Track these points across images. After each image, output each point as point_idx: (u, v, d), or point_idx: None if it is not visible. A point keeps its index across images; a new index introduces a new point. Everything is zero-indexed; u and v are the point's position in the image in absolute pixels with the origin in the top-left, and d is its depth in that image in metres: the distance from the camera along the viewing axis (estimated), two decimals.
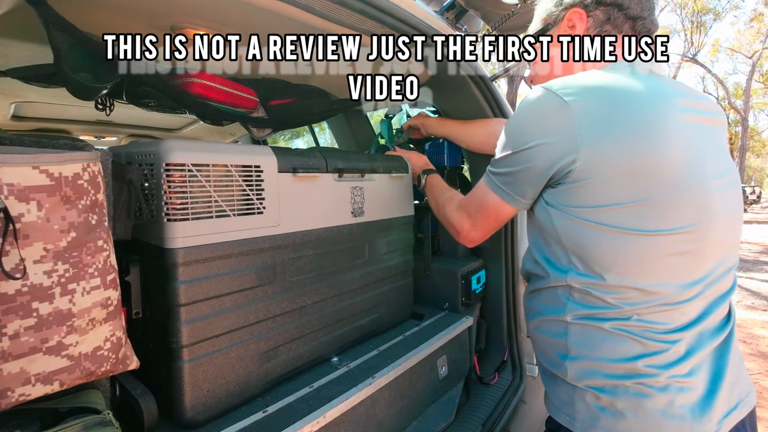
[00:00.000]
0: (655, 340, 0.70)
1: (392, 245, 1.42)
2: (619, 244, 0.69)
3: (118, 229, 0.82)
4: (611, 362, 0.72)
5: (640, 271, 0.69)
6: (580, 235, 0.72)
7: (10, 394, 0.58)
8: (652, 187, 0.66)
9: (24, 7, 0.82)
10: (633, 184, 0.67)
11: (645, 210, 0.67)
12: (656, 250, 0.68)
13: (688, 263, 0.70)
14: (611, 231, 0.69)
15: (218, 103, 1.32)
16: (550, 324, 0.82)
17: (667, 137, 0.67)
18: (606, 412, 0.73)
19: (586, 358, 0.75)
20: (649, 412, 0.69)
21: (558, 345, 0.79)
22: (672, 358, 0.69)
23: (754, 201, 12.01)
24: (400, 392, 1.19)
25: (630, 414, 0.70)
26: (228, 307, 0.94)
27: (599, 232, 0.70)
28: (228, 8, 1.06)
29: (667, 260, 0.69)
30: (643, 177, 0.66)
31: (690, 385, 0.69)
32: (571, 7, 0.86)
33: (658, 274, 0.69)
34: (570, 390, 0.78)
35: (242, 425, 0.90)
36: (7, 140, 0.64)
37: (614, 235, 0.69)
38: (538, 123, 0.73)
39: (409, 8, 1.18)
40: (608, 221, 0.69)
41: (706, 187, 0.69)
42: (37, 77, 1.25)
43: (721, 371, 0.71)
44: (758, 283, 5.10)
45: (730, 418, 0.71)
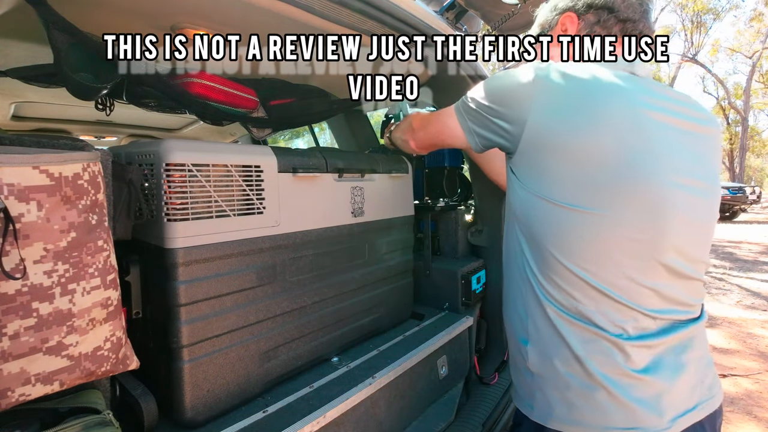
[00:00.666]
0: (606, 332, 0.71)
1: (392, 245, 1.42)
2: (563, 219, 0.72)
3: (118, 229, 0.82)
4: (562, 350, 0.74)
5: (587, 257, 0.71)
6: (530, 210, 0.76)
7: (10, 394, 0.58)
8: (590, 169, 0.69)
9: (24, 7, 0.82)
10: (571, 163, 0.70)
11: (583, 188, 0.69)
12: (598, 232, 0.69)
13: (639, 257, 0.70)
14: (555, 205, 0.72)
15: (218, 103, 1.32)
16: (515, 308, 0.84)
17: (614, 125, 0.69)
18: (559, 403, 0.75)
19: (541, 345, 0.77)
20: (599, 403, 0.70)
21: (520, 330, 0.82)
22: (623, 353, 0.70)
23: (754, 201, 11.99)
24: (400, 392, 1.19)
25: (581, 404, 0.72)
26: (228, 307, 0.94)
27: (546, 206, 0.73)
28: (228, 8, 1.06)
29: (614, 248, 0.69)
30: (582, 158, 0.69)
31: (641, 382, 0.70)
32: (564, 11, 0.90)
33: (606, 263, 0.70)
34: (530, 379, 0.80)
35: (242, 425, 0.90)
36: (7, 140, 0.64)
37: (557, 210, 0.72)
38: (507, 89, 0.79)
39: (409, 8, 1.18)
40: (552, 195, 0.72)
41: (658, 181, 0.69)
42: (37, 77, 1.25)
43: (678, 371, 0.72)
44: (758, 283, 5.10)
45: (686, 418, 0.71)
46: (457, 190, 1.77)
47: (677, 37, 20.89)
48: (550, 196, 0.73)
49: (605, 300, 0.71)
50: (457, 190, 1.75)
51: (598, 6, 0.85)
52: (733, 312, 4.09)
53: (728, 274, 5.59)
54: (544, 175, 0.74)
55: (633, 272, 0.70)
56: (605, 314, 0.71)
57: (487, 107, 0.82)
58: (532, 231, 0.77)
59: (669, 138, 0.72)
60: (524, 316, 0.81)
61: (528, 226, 0.78)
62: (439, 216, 1.75)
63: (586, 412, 0.72)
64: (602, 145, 0.69)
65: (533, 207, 0.76)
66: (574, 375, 0.73)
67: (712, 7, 19.53)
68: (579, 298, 0.72)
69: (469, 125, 0.88)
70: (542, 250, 0.76)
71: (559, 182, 0.72)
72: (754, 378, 2.74)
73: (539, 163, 0.74)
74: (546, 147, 0.72)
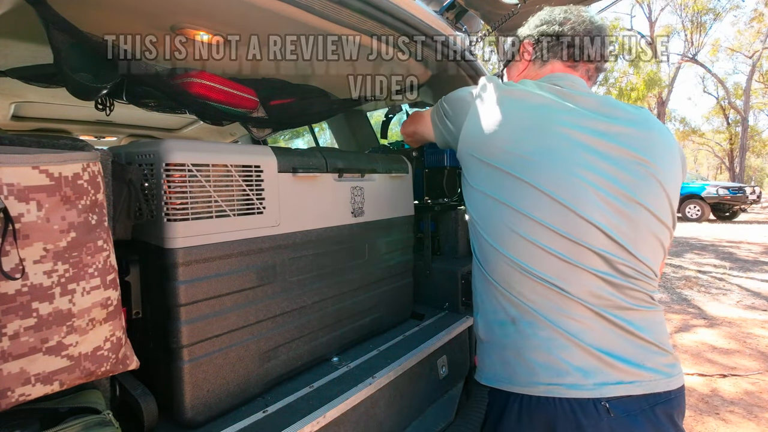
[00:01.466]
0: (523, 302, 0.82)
1: (392, 245, 1.42)
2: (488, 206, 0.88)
3: (118, 229, 0.82)
4: (498, 314, 0.87)
5: (508, 241, 0.84)
6: (468, 199, 0.95)
7: (10, 394, 0.58)
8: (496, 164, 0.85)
9: (24, 7, 0.82)
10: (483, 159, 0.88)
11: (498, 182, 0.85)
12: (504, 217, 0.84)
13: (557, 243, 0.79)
14: (482, 194, 0.89)
15: (218, 103, 1.32)
16: (474, 288, 0.99)
17: (517, 127, 0.85)
18: (500, 364, 0.86)
19: (485, 313, 0.91)
20: (528, 361, 0.80)
21: (474, 303, 0.98)
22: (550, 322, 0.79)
23: (754, 201, 11.97)
24: (400, 392, 1.19)
25: (513, 362, 0.83)
26: (228, 307, 0.94)
27: (477, 194, 0.91)
28: (228, 8, 1.06)
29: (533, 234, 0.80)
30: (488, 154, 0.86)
31: (570, 343, 0.77)
32: (522, 40, 1.06)
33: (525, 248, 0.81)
34: (481, 346, 0.94)
35: (242, 425, 0.90)
36: (7, 140, 0.64)
37: (483, 198, 0.89)
38: (458, 99, 1.00)
39: (409, 8, 1.18)
40: (479, 186, 0.89)
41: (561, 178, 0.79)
42: (37, 77, 1.25)
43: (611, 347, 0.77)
44: (758, 283, 5.10)
45: (616, 387, 0.74)
46: (458, 190, 1.76)
47: (677, 37, 20.88)
48: (475, 187, 0.90)
49: (528, 280, 0.81)
50: (457, 190, 1.75)
51: (549, 34, 1.00)
52: (733, 312, 4.09)
53: (728, 274, 5.59)
54: (470, 170, 0.92)
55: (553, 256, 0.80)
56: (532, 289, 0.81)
57: (445, 110, 1.03)
58: (472, 217, 0.94)
59: (578, 140, 0.82)
60: (475, 293, 0.97)
61: (470, 213, 0.95)
62: (439, 216, 1.75)
63: (516, 369, 0.82)
64: (503, 145, 0.84)
65: (469, 196, 0.95)
66: (509, 336, 0.84)
67: (712, 7, 19.52)
68: (508, 273, 0.84)
69: (436, 122, 1.08)
70: (477, 232, 0.92)
71: (477, 171, 0.90)
72: (754, 378, 2.74)
73: (466, 160, 0.94)
74: (470, 147, 0.91)
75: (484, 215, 0.89)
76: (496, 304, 0.87)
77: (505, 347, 0.85)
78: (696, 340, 3.39)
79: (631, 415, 0.74)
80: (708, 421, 2.26)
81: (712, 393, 2.56)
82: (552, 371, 0.77)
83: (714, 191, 11.17)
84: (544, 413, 0.76)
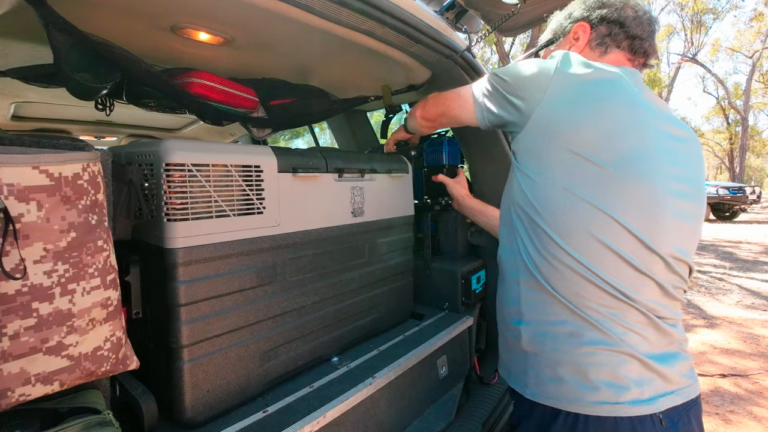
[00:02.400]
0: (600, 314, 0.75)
1: (392, 245, 1.42)
2: (561, 201, 0.77)
3: (118, 229, 0.82)
4: (556, 328, 0.79)
5: (581, 240, 0.75)
6: (529, 192, 0.82)
7: (10, 394, 0.58)
8: (587, 158, 0.75)
9: (24, 7, 0.81)
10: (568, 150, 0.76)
11: (580, 176, 0.76)
12: (592, 219, 0.75)
13: (634, 251, 0.75)
14: (555, 187, 0.78)
15: (218, 103, 1.32)
16: (510, 292, 0.89)
17: (615, 120, 0.76)
18: (552, 380, 0.79)
19: (536, 322, 0.82)
20: (589, 378, 0.75)
21: (514, 314, 0.87)
22: (614, 334, 0.75)
23: (754, 201, 11.97)
24: (400, 392, 1.19)
25: (571, 380, 0.76)
26: (228, 307, 0.94)
27: (544, 187, 0.80)
28: (228, 8, 1.06)
29: (608, 237, 0.74)
30: (579, 147, 0.75)
31: (631, 359, 0.75)
32: (578, 21, 0.95)
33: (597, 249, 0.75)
34: (523, 357, 0.85)
35: (242, 425, 0.90)
36: (7, 140, 0.64)
37: (555, 191, 0.78)
38: (530, 72, 0.84)
39: (409, 8, 1.18)
40: (551, 178, 0.79)
41: (654, 184, 0.75)
42: (37, 77, 1.25)
43: (663, 360, 0.76)
44: (758, 283, 5.10)
45: (666, 399, 0.75)
46: None
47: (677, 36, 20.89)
48: (545, 177, 0.79)
49: (593, 287, 0.75)
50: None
51: (611, 20, 0.90)
52: (733, 312, 4.09)
53: (728, 274, 5.59)
54: (542, 157, 0.80)
55: (625, 262, 0.75)
56: (602, 300, 0.75)
57: (507, 84, 0.87)
58: (530, 213, 0.82)
59: (665, 144, 0.79)
60: (518, 299, 0.86)
61: (526, 208, 0.83)
62: (439, 216, 1.75)
63: (574, 388, 0.76)
64: (600, 138, 0.75)
65: (530, 188, 0.82)
66: (566, 352, 0.77)
67: (712, 6, 19.52)
68: (571, 279, 0.76)
69: (481, 100, 0.94)
70: (540, 232, 0.80)
71: (552, 165, 0.78)
72: (754, 378, 2.74)
73: (539, 146, 0.80)
74: (549, 131, 0.78)
75: (554, 211, 0.78)
76: (551, 313, 0.79)
77: (560, 362, 0.78)
78: (696, 340, 3.39)
79: (674, 423, 0.75)
80: (708, 421, 2.26)
81: (712, 393, 2.56)
82: (615, 389, 0.74)
83: (714, 191, 11.17)
84: (601, 428, 0.74)
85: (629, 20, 0.89)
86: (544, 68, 0.82)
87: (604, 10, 0.91)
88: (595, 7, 0.93)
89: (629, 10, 0.90)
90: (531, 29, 4.36)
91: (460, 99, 1.02)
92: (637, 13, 0.90)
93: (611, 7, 0.91)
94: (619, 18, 0.90)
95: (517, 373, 0.87)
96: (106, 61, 1.05)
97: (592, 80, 0.78)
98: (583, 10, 0.95)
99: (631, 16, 0.90)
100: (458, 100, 1.03)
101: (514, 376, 0.89)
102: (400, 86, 1.75)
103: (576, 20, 0.95)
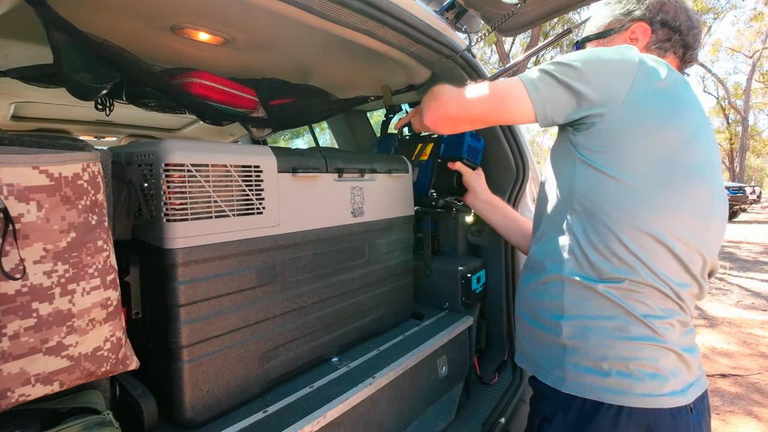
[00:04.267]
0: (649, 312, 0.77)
1: (392, 245, 1.42)
2: (630, 196, 0.76)
3: (118, 229, 0.82)
4: (602, 320, 0.79)
5: (643, 237, 0.76)
6: (593, 185, 0.80)
7: (10, 394, 0.58)
8: (663, 156, 0.76)
9: (24, 7, 0.81)
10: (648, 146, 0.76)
11: (653, 172, 0.76)
12: (659, 218, 0.76)
13: (688, 249, 0.77)
14: (621, 182, 0.77)
15: (218, 103, 1.32)
16: (546, 287, 0.88)
17: (691, 124, 0.78)
18: (594, 373, 0.78)
19: (579, 317, 0.81)
20: (633, 371, 0.76)
21: (552, 308, 0.85)
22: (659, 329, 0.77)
23: (754, 201, 11.99)
24: (400, 392, 1.19)
25: (615, 373, 0.77)
26: (228, 308, 0.94)
27: (611, 182, 0.77)
28: (228, 8, 1.06)
29: (668, 234, 0.76)
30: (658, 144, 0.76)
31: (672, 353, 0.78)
32: (638, 20, 0.94)
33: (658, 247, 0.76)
34: (560, 350, 0.83)
35: (242, 425, 0.90)
36: (7, 140, 0.64)
37: (624, 186, 0.77)
38: (612, 61, 0.79)
39: (409, 8, 1.18)
40: (622, 171, 0.77)
41: (710, 190, 0.79)
42: (37, 77, 1.25)
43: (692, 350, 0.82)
44: (758, 283, 5.09)
45: (695, 390, 0.79)
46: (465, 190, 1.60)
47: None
48: (618, 172, 0.77)
49: (648, 286, 0.76)
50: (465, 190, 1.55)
51: (672, 26, 0.91)
52: (733, 312, 4.09)
53: (728, 274, 5.59)
54: (617, 151, 0.77)
55: (679, 262, 0.77)
56: (652, 298, 0.77)
57: (579, 73, 0.79)
58: (590, 207, 0.80)
59: (714, 148, 0.84)
60: (559, 295, 0.84)
61: (585, 203, 0.81)
62: (439, 216, 1.74)
63: (618, 380, 0.77)
64: (683, 140, 0.76)
65: (596, 182, 0.79)
66: (612, 346, 0.77)
67: (712, 6, 19.51)
68: (628, 276, 0.77)
69: (541, 95, 0.83)
70: (600, 228, 0.79)
71: (631, 160, 0.76)
72: (754, 378, 2.74)
73: (617, 140, 0.77)
74: (633, 125, 0.76)
75: (623, 207, 0.77)
76: (597, 308, 0.79)
77: (605, 356, 0.78)
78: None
79: (698, 411, 0.79)
80: None
81: (712, 393, 2.56)
82: (658, 381, 0.76)
83: None
84: (644, 419, 0.76)
85: (685, 28, 0.91)
86: (626, 59, 0.78)
87: (665, 15, 0.91)
88: (656, 9, 0.92)
89: (683, 16, 0.91)
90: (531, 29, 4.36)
91: (511, 97, 0.86)
92: (692, 22, 0.91)
93: (670, 12, 0.91)
94: (679, 25, 0.91)
95: (548, 366, 0.86)
96: (106, 61, 1.05)
97: (673, 81, 0.77)
98: (645, 10, 0.93)
99: (686, 24, 0.91)
100: (509, 98, 0.87)
101: (543, 370, 0.87)
102: (400, 86, 1.75)
103: (636, 19, 0.93)
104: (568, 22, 10.74)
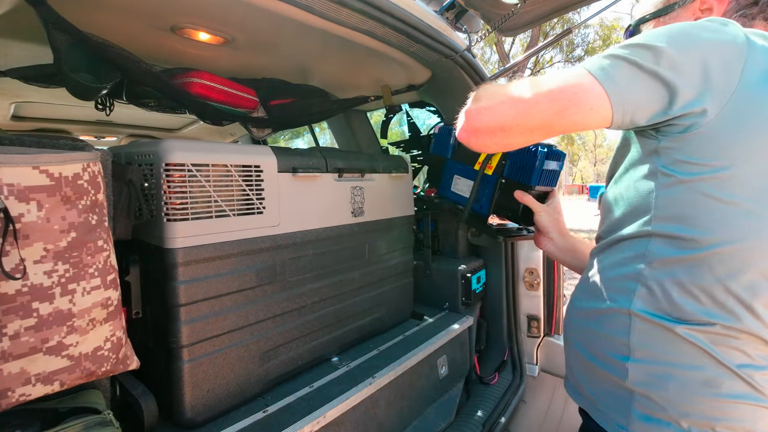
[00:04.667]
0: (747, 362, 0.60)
1: (392, 245, 1.42)
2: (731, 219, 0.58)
3: (118, 229, 0.82)
4: (684, 369, 0.63)
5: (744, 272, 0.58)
6: (686, 205, 0.61)
7: (10, 394, 0.58)
8: None
9: (24, 7, 0.82)
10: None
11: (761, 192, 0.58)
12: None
13: None
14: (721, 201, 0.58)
15: (218, 103, 1.33)
16: (608, 322, 0.71)
17: None
18: (668, 427, 0.64)
19: (653, 362, 0.65)
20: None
21: (618, 346, 0.69)
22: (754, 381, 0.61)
23: None
24: (400, 392, 1.19)
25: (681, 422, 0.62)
26: (228, 307, 0.94)
27: (709, 201, 0.59)
28: (228, 8, 1.06)
29: None
30: None
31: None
32: None
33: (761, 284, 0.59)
34: (626, 395, 0.68)
35: (242, 425, 0.90)
36: (7, 140, 0.64)
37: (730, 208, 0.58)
38: (712, 43, 0.58)
39: (409, 8, 1.18)
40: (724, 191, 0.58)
41: None
42: (37, 77, 1.25)
43: None
44: None
45: None
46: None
47: None
48: (724, 191, 0.59)
49: (751, 337, 0.60)
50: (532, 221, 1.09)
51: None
52: None
53: None
54: (724, 162, 0.58)
55: None
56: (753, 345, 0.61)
57: (669, 60, 0.58)
58: (677, 232, 0.62)
59: None
60: (626, 332, 0.68)
61: (671, 227, 0.63)
62: (439, 216, 1.75)
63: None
64: None
65: (691, 203, 0.61)
66: (698, 403, 0.62)
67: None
68: (722, 319, 0.60)
69: (621, 90, 0.60)
70: (689, 259, 0.61)
71: (744, 175, 0.58)
72: None
73: (725, 148, 0.58)
74: (745, 128, 0.57)
75: (727, 237, 0.59)
76: (678, 354, 0.63)
77: (687, 414, 0.62)
78: None
79: None
80: None
81: None
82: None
83: None
84: None
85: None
86: (728, 37, 0.58)
87: None
88: None
89: None
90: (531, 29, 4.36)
91: (581, 95, 0.62)
92: None
93: None
94: None
95: (608, 410, 0.71)
96: (106, 61, 1.05)
97: None
98: None
99: None
100: (578, 97, 0.62)
101: (601, 412, 0.72)
102: (400, 86, 1.75)
103: None
104: (568, 22, 10.73)
